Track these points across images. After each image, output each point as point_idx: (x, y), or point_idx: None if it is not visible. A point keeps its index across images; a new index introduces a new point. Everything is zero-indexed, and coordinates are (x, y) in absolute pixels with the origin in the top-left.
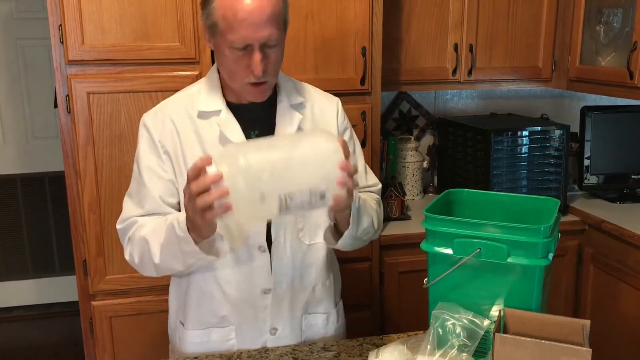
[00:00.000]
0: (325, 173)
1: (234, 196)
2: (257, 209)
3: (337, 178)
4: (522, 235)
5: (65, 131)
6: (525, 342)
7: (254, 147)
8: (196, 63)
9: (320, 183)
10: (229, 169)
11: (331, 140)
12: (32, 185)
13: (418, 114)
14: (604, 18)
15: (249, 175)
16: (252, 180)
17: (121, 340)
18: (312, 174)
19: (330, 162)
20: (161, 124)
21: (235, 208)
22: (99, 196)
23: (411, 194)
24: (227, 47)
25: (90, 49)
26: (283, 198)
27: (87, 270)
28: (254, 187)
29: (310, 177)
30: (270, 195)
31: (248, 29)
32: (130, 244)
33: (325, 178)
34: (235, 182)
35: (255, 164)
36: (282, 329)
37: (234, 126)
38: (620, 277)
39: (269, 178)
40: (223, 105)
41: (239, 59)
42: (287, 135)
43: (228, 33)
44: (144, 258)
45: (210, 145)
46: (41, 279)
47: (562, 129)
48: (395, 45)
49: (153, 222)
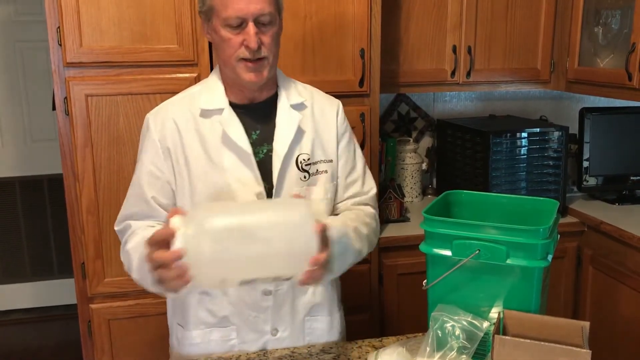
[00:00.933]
0: (295, 264)
1: (195, 269)
2: (216, 284)
3: (306, 271)
4: (521, 237)
5: (63, 133)
6: (524, 344)
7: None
8: (194, 65)
9: (287, 272)
10: (194, 238)
11: (309, 227)
12: (31, 188)
13: (417, 116)
14: (602, 19)
15: (213, 249)
16: (216, 255)
17: (120, 343)
18: (281, 263)
19: (302, 255)
20: (162, 123)
21: (195, 279)
22: (97, 199)
23: (410, 195)
24: (222, 26)
25: (89, 51)
26: (245, 281)
27: (86, 273)
28: (217, 264)
29: (277, 267)
30: (232, 275)
31: (241, 3)
32: (123, 250)
33: (293, 269)
34: (198, 254)
35: (223, 235)
36: (283, 330)
37: (236, 125)
38: (619, 278)
39: (234, 256)
40: (226, 104)
41: (235, 37)
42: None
43: (223, 11)
44: (131, 270)
45: (212, 145)
46: (40, 282)
47: (560, 130)
48: (394, 47)
49: (139, 235)
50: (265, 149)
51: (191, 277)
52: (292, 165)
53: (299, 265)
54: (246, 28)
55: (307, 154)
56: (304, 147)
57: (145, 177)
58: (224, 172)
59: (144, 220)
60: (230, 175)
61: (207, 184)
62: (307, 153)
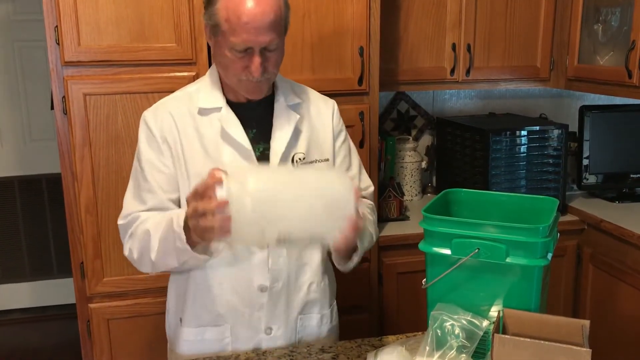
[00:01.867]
0: (331, 224)
1: (236, 223)
2: (254, 238)
3: (343, 230)
4: (521, 235)
5: (61, 133)
6: (524, 343)
7: (267, 173)
8: (193, 64)
9: (324, 231)
10: (237, 190)
11: (349, 190)
12: (30, 187)
13: (416, 114)
14: (602, 17)
15: (255, 205)
16: (257, 211)
17: (118, 343)
18: (319, 221)
19: (341, 214)
20: (160, 119)
21: (234, 232)
22: (95, 198)
23: (410, 194)
24: (227, 48)
25: (87, 50)
26: (282, 235)
27: (85, 272)
28: (258, 218)
29: (315, 223)
30: (271, 229)
31: (250, 33)
32: (131, 239)
33: (330, 228)
34: (240, 209)
35: (264, 193)
36: (277, 329)
37: (235, 123)
38: (620, 276)
39: (274, 212)
40: (223, 103)
41: (239, 59)
42: (307, 170)
43: (230, 35)
44: (143, 253)
45: (211, 142)
46: (39, 282)
47: (560, 128)
48: (393, 45)
49: (157, 216)
50: (262, 148)
51: (231, 230)
52: (288, 164)
53: (336, 225)
54: (252, 56)
55: (302, 152)
56: (300, 146)
57: (151, 172)
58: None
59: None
60: None
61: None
62: (302, 152)
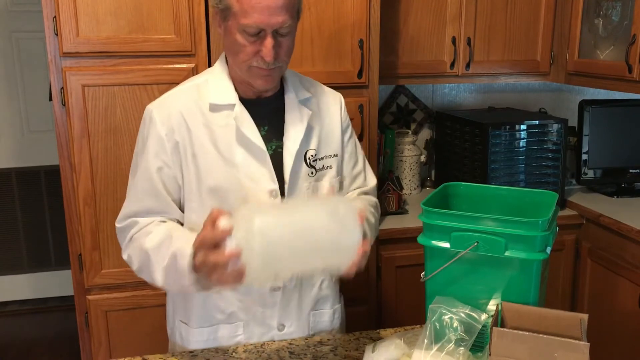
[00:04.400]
0: (342, 256)
1: (248, 269)
2: (268, 280)
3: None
4: (520, 229)
5: (60, 124)
6: (522, 337)
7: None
8: (192, 55)
9: (335, 262)
10: (246, 239)
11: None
12: (28, 179)
13: (416, 108)
14: (602, 11)
15: (266, 249)
16: (268, 254)
17: (117, 335)
18: (329, 254)
19: (353, 249)
20: (168, 116)
21: (249, 275)
22: (94, 190)
23: (409, 188)
24: (239, 31)
25: (85, 41)
26: (295, 273)
27: (83, 264)
28: (269, 261)
29: (325, 256)
30: (283, 270)
31: (263, 14)
32: (130, 246)
33: (342, 259)
34: (250, 255)
35: (273, 236)
36: (289, 325)
37: (249, 122)
38: (618, 271)
39: (284, 253)
40: (236, 100)
41: (250, 44)
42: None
43: (242, 17)
44: (143, 271)
45: (223, 141)
46: (37, 274)
47: (560, 122)
48: (393, 38)
49: (158, 233)
50: (274, 145)
51: (246, 276)
52: (302, 162)
53: (346, 256)
54: (264, 40)
55: (314, 149)
56: (312, 143)
57: (153, 172)
58: (235, 168)
59: (151, 217)
60: (241, 172)
61: (217, 180)
62: (314, 149)
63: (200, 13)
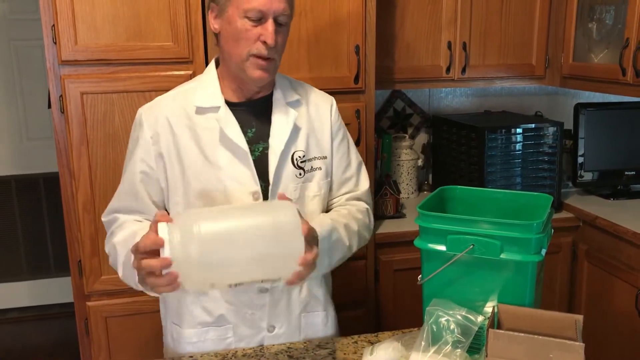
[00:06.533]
0: (282, 266)
1: (183, 274)
2: (204, 286)
3: (295, 272)
4: (515, 232)
5: (59, 131)
6: (518, 338)
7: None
8: (189, 62)
9: (275, 274)
10: (182, 242)
11: (295, 227)
12: (27, 186)
13: (412, 112)
14: (596, 15)
15: (202, 254)
16: (204, 260)
17: (117, 341)
18: (268, 263)
19: (292, 259)
20: (155, 120)
21: (183, 283)
22: (93, 196)
23: (406, 192)
24: (240, 17)
25: (84, 49)
26: (233, 284)
27: (82, 270)
28: (205, 267)
29: (265, 269)
30: (220, 277)
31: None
32: (109, 241)
33: (281, 270)
34: (186, 259)
35: (210, 241)
36: (279, 327)
37: (233, 124)
38: (614, 272)
39: (221, 260)
40: (222, 102)
41: (251, 29)
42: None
43: (245, 2)
44: (113, 263)
45: (207, 143)
46: (36, 281)
47: (555, 126)
48: (389, 43)
49: (127, 229)
50: (261, 147)
51: (180, 283)
52: (288, 163)
53: (286, 266)
54: (265, 23)
55: (302, 150)
56: (299, 144)
57: (135, 174)
58: (219, 170)
59: (132, 215)
60: (225, 174)
61: (202, 182)
62: (302, 150)
63: (197, 20)
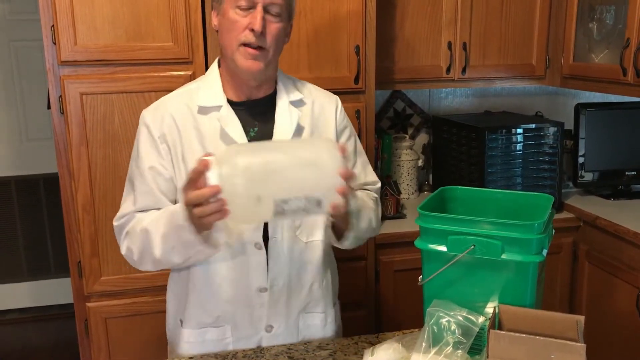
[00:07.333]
0: (322, 181)
1: (231, 198)
2: (252, 211)
3: (336, 186)
4: (516, 232)
5: (58, 132)
6: (519, 339)
7: (253, 149)
8: (189, 63)
9: (317, 190)
10: (227, 171)
11: (331, 147)
12: (27, 187)
13: (412, 113)
14: (596, 15)
15: (247, 178)
16: (250, 183)
17: (116, 342)
18: (309, 181)
19: (329, 169)
20: (160, 119)
21: (232, 210)
22: (93, 197)
23: (406, 192)
24: (232, 8)
25: (83, 50)
26: (279, 202)
27: (82, 271)
28: (251, 190)
29: (307, 183)
30: (266, 199)
31: None
32: (128, 238)
33: (322, 186)
34: (233, 185)
35: (253, 166)
36: (277, 327)
37: (234, 122)
38: (615, 273)
39: (265, 181)
40: (224, 101)
41: (242, 19)
42: (288, 140)
43: None
44: (144, 251)
45: (210, 142)
46: (36, 282)
47: (556, 126)
48: (389, 43)
49: (153, 214)
50: None
51: (228, 210)
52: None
53: (327, 186)
54: (254, 12)
55: None
56: None
57: (149, 174)
58: None
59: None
60: None
61: None
62: None
63: (197, 21)
